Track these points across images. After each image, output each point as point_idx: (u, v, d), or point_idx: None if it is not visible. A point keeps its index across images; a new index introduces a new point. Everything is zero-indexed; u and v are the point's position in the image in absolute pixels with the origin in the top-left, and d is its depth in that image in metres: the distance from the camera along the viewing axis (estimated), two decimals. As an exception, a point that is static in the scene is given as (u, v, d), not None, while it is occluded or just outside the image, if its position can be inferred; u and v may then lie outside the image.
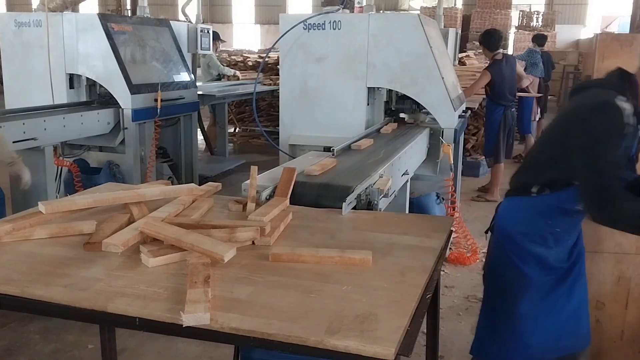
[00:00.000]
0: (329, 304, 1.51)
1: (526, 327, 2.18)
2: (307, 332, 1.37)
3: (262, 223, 1.98)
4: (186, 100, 5.67)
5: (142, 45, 5.37)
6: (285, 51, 4.59)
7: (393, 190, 3.05)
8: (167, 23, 5.93)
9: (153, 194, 2.31)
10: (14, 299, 1.59)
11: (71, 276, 1.66)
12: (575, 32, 23.49)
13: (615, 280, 2.69)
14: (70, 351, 3.30)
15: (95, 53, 4.96)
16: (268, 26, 29.52)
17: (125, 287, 1.59)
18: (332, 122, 4.49)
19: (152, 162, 5.19)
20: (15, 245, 1.89)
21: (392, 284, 1.65)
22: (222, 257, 1.71)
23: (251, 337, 1.39)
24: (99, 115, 4.80)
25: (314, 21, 4.44)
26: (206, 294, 1.48)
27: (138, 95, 4.97)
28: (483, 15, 20.28)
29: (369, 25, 4.35)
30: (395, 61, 4.33)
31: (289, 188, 2.42)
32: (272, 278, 1.67)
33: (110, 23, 5.04)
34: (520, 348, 2.21)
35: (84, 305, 1.52)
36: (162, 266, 1.74)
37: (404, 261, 1.82)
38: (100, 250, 1.82)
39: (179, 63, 5.78)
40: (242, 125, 9.92)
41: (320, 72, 4.50)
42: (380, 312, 1.47)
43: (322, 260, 1.78)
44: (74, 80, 5.14)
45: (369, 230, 2.13)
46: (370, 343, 1.33)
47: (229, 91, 7.75)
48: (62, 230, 1.99)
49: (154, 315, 1.47)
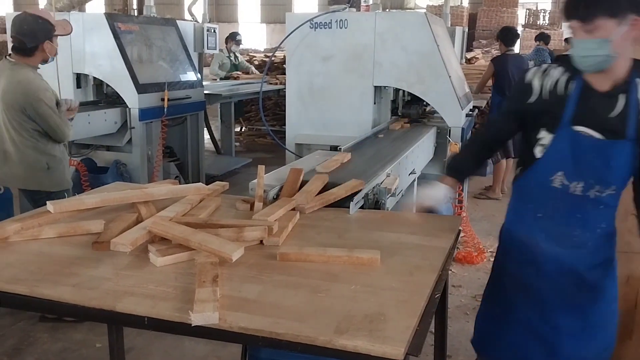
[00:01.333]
0: (337, 304, 1.51)
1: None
2: (315, 331, 1.37)
3: (269, 223, 1.98)
4: (193, 99, 5.68)
5: (148, 45, 5.38)
6: (292, 50, 4.59)
7: (400, 190, 3.05)
8: (174, 22, 5.94)
9: (161, 193, 2.32)
10: (23, 298, 1.59)
11: (79, 275, 1.66)
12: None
13: (624, 280, 2.67)
14: (78, 350, 3.30)
15: (102, 53, 4.98)
16: (274, 25, 29.53)
17: (134, 287, 1.59)
18: (339, 121, 4.48)
19: (159, 162, 5.20)
20: (24, 244, 1.90)
21: (401, 284, 1.64)
22: (230, 256, 1.71)
23: (260, 336, 1.39)
24: (106, 114, 4.82)
25: (321, 20, 4.44)
26: (215, 293, 1.48)
27: (145, 94, 4.98)
28: (489, 13, 20.20)
29: (376, 24, 4.34)
30: (402, 60, 4.32)
31: (295, 188, 2.42)
32: (280, 277, 1.67)
33: (117, 23, 5.06)
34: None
35: (92, 304, 1.52)
36: (170, 265, 1.74)
37: (412, 261, 1.81)
38: (109, 250, 1.83)
39: (186, 62, 5.79)
40: (249, 124, 9.92)
41: (327, 71, 4.49)
42: (389, 312, 1.46)
43: (330, 260, 1.77)
44: (81, 80, 5.17)
45: (376, 230, 2.13)
46: (380, 343, 1.32)
47: (235, 90, 7.75)
48: (70, 230, 1.99)
49: (162, 314, 1.47)
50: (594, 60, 1.86)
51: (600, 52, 1.84)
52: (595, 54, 1.84)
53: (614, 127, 1.92)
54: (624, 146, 1.92)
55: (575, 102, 1.96)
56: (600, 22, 1.80)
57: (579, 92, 1.97)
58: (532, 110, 2.06)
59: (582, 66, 1.91)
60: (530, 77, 2.06)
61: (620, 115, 1.92)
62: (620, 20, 1.80)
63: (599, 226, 2.05)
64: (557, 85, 2.01)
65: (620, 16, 1.80)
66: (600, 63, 1.87)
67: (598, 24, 1.81)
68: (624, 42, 1.84)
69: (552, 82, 2.03)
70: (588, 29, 1.83)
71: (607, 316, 2.17)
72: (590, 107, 1.95)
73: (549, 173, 2.01)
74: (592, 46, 1.84)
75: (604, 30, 1.81)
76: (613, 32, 1.81)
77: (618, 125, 1.91)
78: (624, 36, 1.82)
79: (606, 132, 1.93)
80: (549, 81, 2.03)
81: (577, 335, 2.11)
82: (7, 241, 1.90)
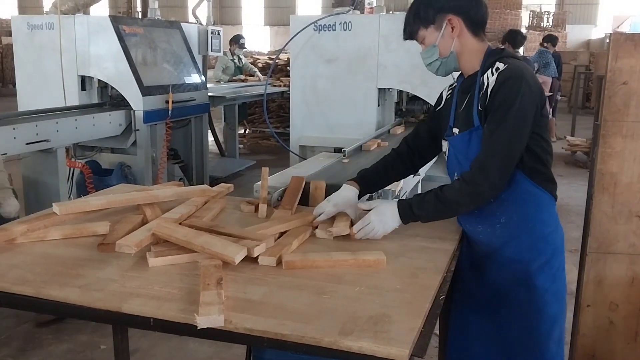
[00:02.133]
0: (342, 305, 1.51)
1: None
2: (320, 332, 1.37)
3: (262, 239, 1.84)
4: (197, 101, 5.69)
5: (153, 47, 5.40)
6: (296, 52, 4.60)
7: (404, 192, 3.05)
8: (178, 25, 5.96)
9: (166, 195, 2.32)
10: (29, 299, 1.60)
11: (85, 277, 1.67)
12: (586, 32, 23.37)
13: (629, 282, 2.67)
14: (83, 352, 3.32)
15: (107, 55, 5.00)
16: (277, 28, 29.59)
17: (140, 288, 1.60)
18: (343, 123, 4.49)
19: (163, 164, 5.21)
20: (30, 246, 1.91)
21: (405, 285, 1.65)
22: (232, 259, 1.70)
23: (265, 337, 1.39)
24: (110, 117, 4.84)
25: (325, 22, 4.45)
26: (219, 295, 1.48)
27: (149, 97, 5.00)
28: (493, 15, 20.15)
29: (380, 26, 4.35)
30: (406, 62, 4.32)
31: (296, 197, 2.32)
32: (285, 279, 1.67)
33: (122, 25, 5.08)
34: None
35: (98, 305, 1.53)
36: (175, 267, 1.75)
37: (416, 262, 1.81)
38: (114, 251, 1.83)
39: (190, 65, 5.81)
40: (252, 126, 9.95)
41: (331, 73, 4.50)
42: (394, 314, 1.47)
43: (336, 264, 1.77)
44: (85, 82, 5.19)
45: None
46: (384, 344, 1.32)
47: (239, 92, 7.77)
48: (76, 231, 2.00)
49: (168, 315, 1.47)
50: (434, 66, 2.05)
51: (434, 56, 2.02)
52: (432, 59, 2.03)
53: (466, 121, 1.99)
54: (472, 136, 1.96)
55: (454, 108, 2.09)
56: (421, 34, 2.01)
57: (456, 97, 2.10)
58: (437, 120, 2.20)
59: (432, 72, 2.09)
60: (443, 89, 2.25)
61: (467, 108, 2.00)
62: (437, 25, 1.98)
63: (498, 221, 2.00)
64: (450, 95, 2.17)
65: (435, 23, 1.98)
66: (442, 66, 2.04)
67: (421, 36, 2.02)
68: (449, 40, 1.99)
69: (449, 92, 2.18)
70: (420, 43, 2.04)
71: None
72: (457, 108, 2.07)
73: (451, 175, 2.11)
74: (426, 55, 2.04)
75: (429, 39, 2.01)
76: (435, 38, 1.99)
77: (468, 119, 1.98)
78: (447, 37, 1.98)
79: (463, 128, 2.01)
80: (448, 92, 2.20)
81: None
82: (14, 243, 1.91)
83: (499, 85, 1.86)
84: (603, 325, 2.71)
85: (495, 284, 2.04)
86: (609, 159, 2.53)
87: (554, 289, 2.03)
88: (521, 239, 1.99)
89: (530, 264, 1.99)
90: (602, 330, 2.71)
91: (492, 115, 1.87)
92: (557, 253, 2.05)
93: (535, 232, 2.00)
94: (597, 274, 2.66)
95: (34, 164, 4.35)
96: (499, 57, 1.95)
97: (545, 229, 2.02)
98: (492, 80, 1.89)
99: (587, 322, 2.72)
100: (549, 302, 2.02)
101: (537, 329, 2.02)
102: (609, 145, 2.52)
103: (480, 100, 1.92)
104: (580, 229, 2.71)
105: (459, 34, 1.98)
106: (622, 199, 2.56)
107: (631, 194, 2.55)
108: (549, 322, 2.03)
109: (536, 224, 2.00)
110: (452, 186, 1.96)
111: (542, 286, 2.00)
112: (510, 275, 2.01)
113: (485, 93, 1.90)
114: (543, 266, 2.00)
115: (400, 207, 1.98)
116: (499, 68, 1.90)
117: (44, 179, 4.31)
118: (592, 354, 2.75)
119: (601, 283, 2.66)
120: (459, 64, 2.04)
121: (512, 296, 2.02)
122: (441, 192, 1.94)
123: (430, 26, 1.98)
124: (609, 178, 2.55)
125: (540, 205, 2.00)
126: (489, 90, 1.89)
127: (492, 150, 1.86)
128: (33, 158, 4.31)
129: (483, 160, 1.88)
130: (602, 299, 2.68)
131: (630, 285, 2.67)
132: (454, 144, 2.06)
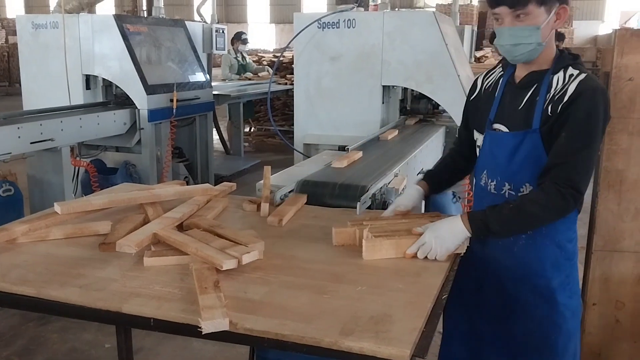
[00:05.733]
0: (343, 305, 1.50)
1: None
2: (321, 333, 1.36)
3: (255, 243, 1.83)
4: (201, 100, 5.70)
5: (157, 46, 5.40)
6: (300, 50, 4.59)
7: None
8: (182, 23, 5.96)
9: (168, 194, 2.32)
10: (31, 299, 1.59)
11: (87, 277, 1.66)
12: (593, 28, 23.24)
13: (635, 280, 2.65)
14: (88, 350, 3.32)
15: (111, 54, 5.00)
16: (283, 25, 29.59)
17: (140, 288, 1.59)
18: (347, 121, 4.47)
19: (168, 162, 5.22)
20: (31, 245, 1.91)
21: (407, 285, 1.63)
22: (221, 264, 1.65)
23: (265, 337, 1.38)
24: (115, 115, 4.85)
25: (329, 20, 4.43)
26: (220, 299, 1.46)
27: (154, 95, 5.00)
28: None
29: (384, 24, 4.33)
30: (411, 59, 4.31)
31: (289, 211, 2.22)
32: (286, 278, 1.66)
33: (126, 24, 5.08)
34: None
35: (99, 305, 1.52)
36: (177, 266, 1.74)
37: (419, 262, 1.80)
38: (115, 251, 1.83)
39: (194, 63, 5.81)
40: (257, 124, 9.94)
41: (335, 71, 4.48)
42: (395, 313, 1.45)
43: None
44: (90, 81, 5.20)
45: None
46: (385, 344, 1.31)
47: (244, 91, 7.77)
48: (77, 231, 2.00)
49: (168, 315, 1.46)
50: (525, 49, 1.81)
51: (532, 39, 1.79)
52: (527, 41, 1.79)
53: (521, 119, 1.87)
54: (526, 137, 1.85)
55: (498, 100, 1.96)
56: (531, 8, 1.76)
57: (503, 89, 1.97)
58: (471, 109, 2.09)
59: (513, 55, 1.85)
60: (478, 75, 2.11)
61: (527, 106, 1.87)
62: (549, 8, 1.78)
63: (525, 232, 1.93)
64: (492, 85, 2.03)
65: (549, 4, 1.78)
66: (531, 52, 1.82)
67: (529, 10, 1.76)
68: (551, 31, 1.82)
69: (490, 81, 2.05)
70: (518, 15, 1.77)
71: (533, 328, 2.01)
72: (507, 102, 1.94)
73: (479, 173, 2.03)
74: (523, 33, 1.78)
75: (533, 17, 1.77)
76: (542, 20, 1.78)
77: (525, 117, 1.86)
78: (550, 25, 1.80)
79: (514, 126, 1.90)
80: (487, 80, 2.06)
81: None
82: (15, 242, 1.91)
83: (583, 97, 1.76)
84: (609, 323, 2.69)
85: (513, 296, 1.98)
86: (615, 156, 2.51)
87: (572, 305, 1.98)
88: (546, 252, 1.93)
89: (552, 280, 1.93)
90: (608, 328, 2.70)
91: (577, 127, 1.76)
92: (575, 268, 2.01)
93: (559, 247, 1.94)
94: (603, 272, 2.64)
95: (38, 163, 4.36)
96: (573, 63, 1.85)
97: (569, 245, 1.96)
98: (570, 87, 1.78)
99: (593, 320, 2.70)
100: (567, 318, 1.96)
101: (555, 344, 1.97)
102: (614, 142, 2.50)
103: (548, 102, 1.81)
104: (586, 227, 2.67)
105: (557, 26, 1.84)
106: (628, 196, 2.54)
107: (637, 191, 2.53)
108: (566, 338, 1.98)
109: (562, 240, 1.95)
110: (534, 200, 1.79)
111: (563, 302, 1.95)
112: (530, 288, 1.95)
113: (554, 96, 1.81)
114: (563, 282, 1.96)
115: (473, 224, 1.79)
116: (573, 75, 1.81)
117: (49, 178, 4.32)
118: (598, 352, 2.73)
119: (607, 281, 2.64)
120: (538, 55, 1.86)
121: (532, 310, 1.96)
122: (522, 206, 1.79)
123: (543, 6, 1.77)
124: (615, 175, 2.53)
125: (567, 219, 1.91)
126: (565, 97, 1.78)
127: (585, 169, 1.77)
128: (38, 157, 4.32)
129: (576, 180, 1.76)
130: (608, 297, 2.66)
131: (637, 283, 2.65)
132: (497, 141, 1.94)
